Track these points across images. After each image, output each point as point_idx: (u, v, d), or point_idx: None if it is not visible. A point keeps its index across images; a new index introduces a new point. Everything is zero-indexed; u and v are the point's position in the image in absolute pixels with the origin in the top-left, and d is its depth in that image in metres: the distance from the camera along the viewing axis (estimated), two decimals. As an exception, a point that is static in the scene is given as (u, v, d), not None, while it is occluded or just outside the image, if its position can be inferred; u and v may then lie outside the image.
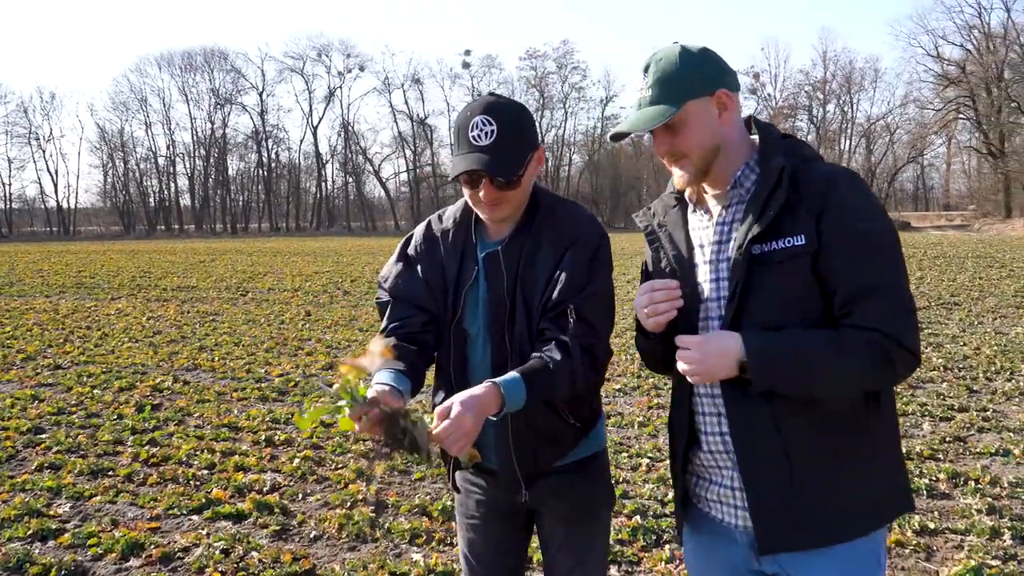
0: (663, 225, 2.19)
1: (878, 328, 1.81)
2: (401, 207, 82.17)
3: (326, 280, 21.27)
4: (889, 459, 2.00)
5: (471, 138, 2.24)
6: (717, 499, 2.08)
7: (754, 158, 2.02)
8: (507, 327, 2.33)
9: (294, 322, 13.88)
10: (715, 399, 2.03)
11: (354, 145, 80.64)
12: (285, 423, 7.37)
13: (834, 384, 1.85)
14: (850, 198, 1.88)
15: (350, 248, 39.03)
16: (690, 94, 1.94)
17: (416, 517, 5.08)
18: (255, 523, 5.05)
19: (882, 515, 2.00)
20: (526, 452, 2.37)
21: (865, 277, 1.83)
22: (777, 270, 1.89)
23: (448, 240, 2.47)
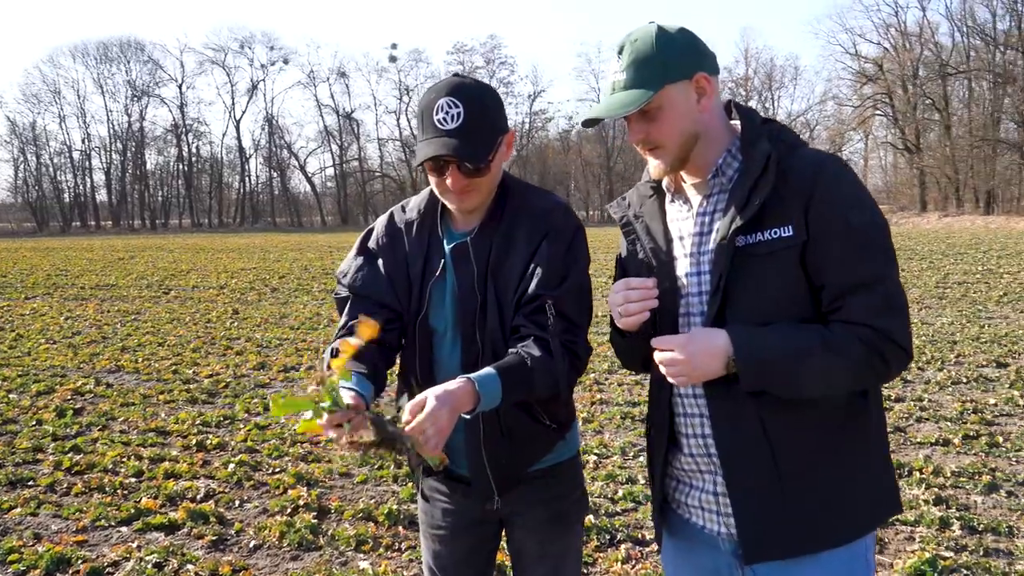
0: (639, 216, 2.06)
1: (869, 324, 1.72)
2: (328, 202, 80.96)
3: (253, 277, 20.73)
4: (877, 460, 1.91)
5: (436, 122, 2.08)
6: (698, 505, 1.98)
7: (736, 144, 1.91)
8: (478, 323, 2.18)
9: (221, 320, 13.46)
10: (697, 399, 1.92)
11: (278, 139, 79.07)
12: (217, 426, 7.08)
13: (826, 382, 1.75)
14: (839, 187, 1.77)
15: (276, 244, 38.21)
16: (667, 78, 1.82)
17: (361, 522, 4.88)
18: (189, 534, 4.79)
19: (872, 519, 1.92)
20: (499, 456, 2.22)
21: (856, 271, 1.73)
22: (763, 263, 1.78)
23: (412, 232, 2.32)
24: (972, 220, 44.42)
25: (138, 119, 77.64)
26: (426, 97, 2.14)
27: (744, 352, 1.73)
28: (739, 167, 1.87)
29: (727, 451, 1.85)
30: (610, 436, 6.58)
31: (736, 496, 1.85)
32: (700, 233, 1.91)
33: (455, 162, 2.08)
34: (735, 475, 1.85)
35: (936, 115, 54.30)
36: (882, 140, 65.22)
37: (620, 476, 5.55)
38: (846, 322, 1.73)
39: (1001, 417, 6.84)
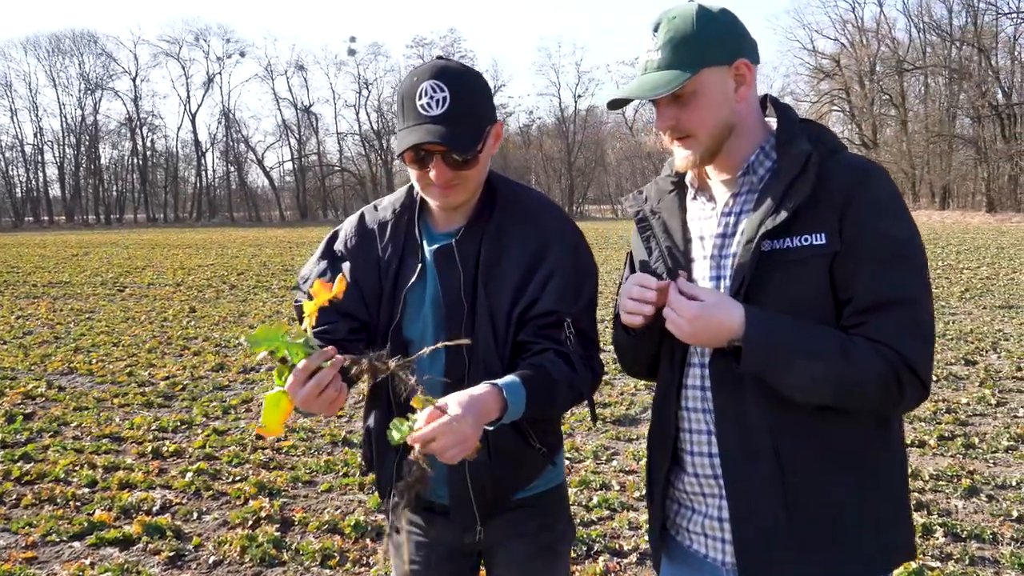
0: (656, 212, 1.90)
1: (892, 345, 1.58)
2: (286, 197, 79.93)
3: (210, 274, 20.28)
4: (896, 501, 1.77)
5: (419, 107, 1.88)
6: (700, 531, 1.83)
7: (770, 142, 1.76)
8: (465, 333, 1.98)
9: (178, 319, 13.09)
10: (706, 414, 1.77)
11: (235, 133, 77.90)
12: (174, 431, 6.81)
13: (832, 390, 1.60)
14: (879, 197, 1.63)
15: (234, 240, 37.56)
16: (706, 61, 1.66)
17: (327, 535, 4.68)
18: (145, 549, 4.54)
19: (884, 564, 1.76)
20: (484, 481, 2.04)
21: (887, 288, 1.60)
22: (790, 271, 1.64)
23: (386, 233, 2.11)
24: (928, 215, 45.10)
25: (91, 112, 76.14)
26: (408, 81, 1.93)
27: (753, 333, 1.59)
28: (771, 166, 1.74)
29: (734, 475, 1.71)
30: (581, 439, 6.44)
31: (739, 525, 1.71)
32: (723, 235, 1.77)
33: (441, 152, 1.89)
34: (740, 502, 1.71)
35: (893, 111, 55.04)
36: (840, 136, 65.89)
37: (594, 482, 5.41)
38: (868, 339, 1.59)
39: (975, 417, 6.81)
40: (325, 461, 5.90)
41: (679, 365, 1.82)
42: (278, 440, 6.46)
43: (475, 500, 2.04)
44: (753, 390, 1.66)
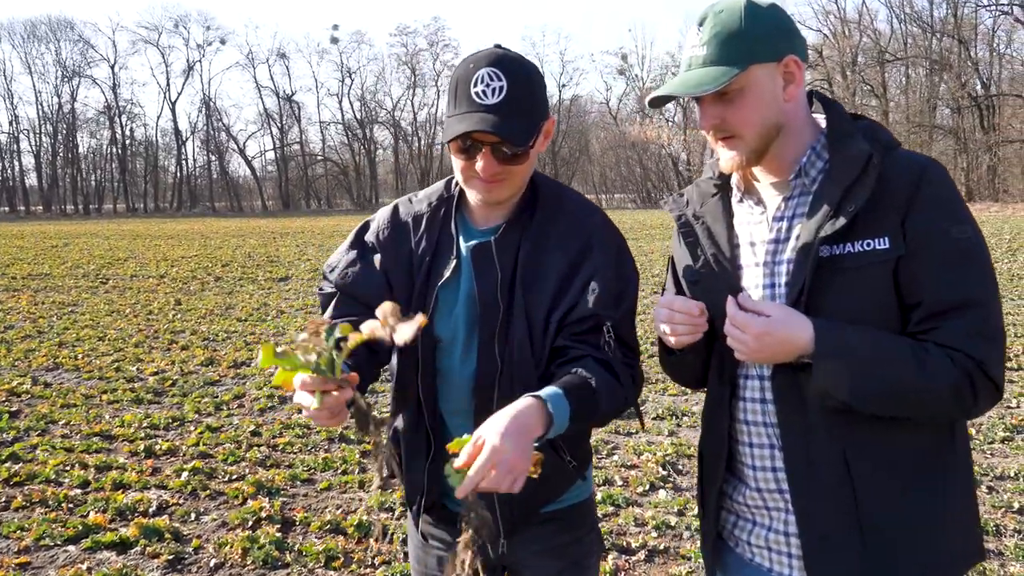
0: (699, 217, 1.84)
1: (965, 350, 1.52)
2: (268, 187, 79.44)
3: (194, 265, 20.06)
4: (966, 506, 1.71)
5: (473, 95, 1.79)
6: (764, 544, 1.77)
7: (820, 141, 1.69)
8: (499, 335, 1.90)
9: (164, 312, 12.92)
10: (768, 428, 1.70)
11: (216, 122, 77.29)
12: (166, 429, 6.69)
13: (907, 402, 1.55)
14: (940, 196, 1.57)
15: (216, 230, 37.21)
16: (755, 57, 1.59)
17: (329, 535, 4.60)
18: (143, 552, 4.44)
19: (957, 568, 1.71)
20: (512, 498, 1.96)
21: (956, 292, 1.54)
22: (851, 277, 1.57)
23: (421, 226, 2.03)
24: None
25: (69, 100, 75.37)
26: (462, 67, 1.84)
27: (827, 351, 1.53)
28: (824, 167, 1.67)
29: (802, 491, 1.65)
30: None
31: (810, 543, 1.65)
32: (776, 240, 1.70)
33: (493, 143, 1.80)
34: (810, 519, 1.65)
35: (874, 101, 55.20)
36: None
37: (596, 477, 5.35)
38: (940, 345, 1.54)
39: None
40: (323, 458, 5.81)
41: (729, 377, 1.75)
42: (273, 437, 6.36)
43: (500, 513, 1.96)
44: (818, 403, 1.59)
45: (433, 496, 2.05)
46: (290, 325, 11.45)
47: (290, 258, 21.38)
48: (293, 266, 19.35)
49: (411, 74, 74.48)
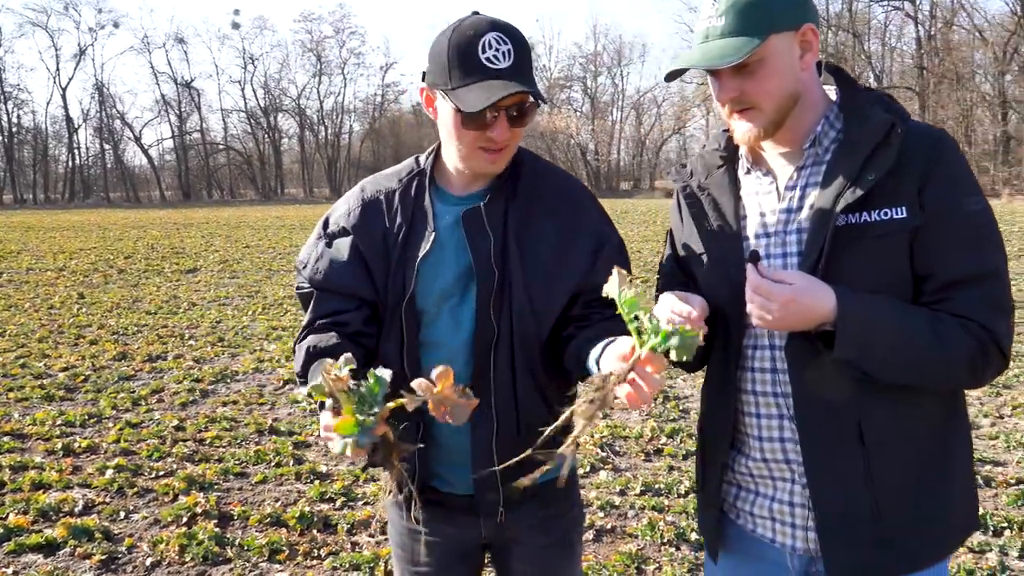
0: (704, 188, 1.81)
1: (978, 320, 1.54)
2: (167, 177, 76.75)
3: (95, 257, 19.24)
4: (968, 476, 1.76)
5: (485, 60, 1.74)
6: (768, 515, 1.77)
7: (833, 111, 1.69)
8: (494, 301, 1.88)
9: (67, 306, 12.36)
10: (777, 398, 1.70)
11: (110, 109, 74.09)
12: (82, 426, 6.40)
13: (925, 370, 1.57)
14: (956, 168, 1.58)
15: (114, 221, 35.73)
16: (774, 26, 1.56)
17: (271, 528, 4.47)
18: (73, 554, 4.23)
19: (957, 539, 1.76)
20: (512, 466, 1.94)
21: (971, 263, 1.55)
22: (868, 246, 1.57)
23: (394, 202, 1.98)
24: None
25: (-51, 85, 71.02)
26: (461, 35, 1.78)
27: (850, 319, 1.52)
28: (836, 136, 1.66)
29: (816, 463, 1.65)
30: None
31: (823, 511, 1.65)
32: (788, 210, 1.68)
33: (507, 106, 1.77)
34: (823, 491, 1.65)
35: (773, 93, 56.93)
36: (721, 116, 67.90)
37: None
38: (954, 314, 1.55)
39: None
40: (255, 451, 5.64)
41: (736, 348, 1.74)
42: (199, 431, 6.16)
43: (501, 482, 1.94)
44: (834, 370, 1.59)
45: (424, 479, 2.00)
46: (204, 318, 11.10)
47: (197, 249, 20.74)
48: (201, 257, 18.77)
49: (317, 61, 73.11)
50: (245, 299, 12.78)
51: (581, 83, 68.27)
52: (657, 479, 5.05)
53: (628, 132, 68.05)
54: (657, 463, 5.38)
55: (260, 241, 22.74)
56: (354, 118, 76.07)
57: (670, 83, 1.88)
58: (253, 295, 13.14)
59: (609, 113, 67.76)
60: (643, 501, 4.71)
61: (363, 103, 78.44)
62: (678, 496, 4.81)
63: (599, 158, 64.09)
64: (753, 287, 1.56)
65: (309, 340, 1.89)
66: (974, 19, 48.47)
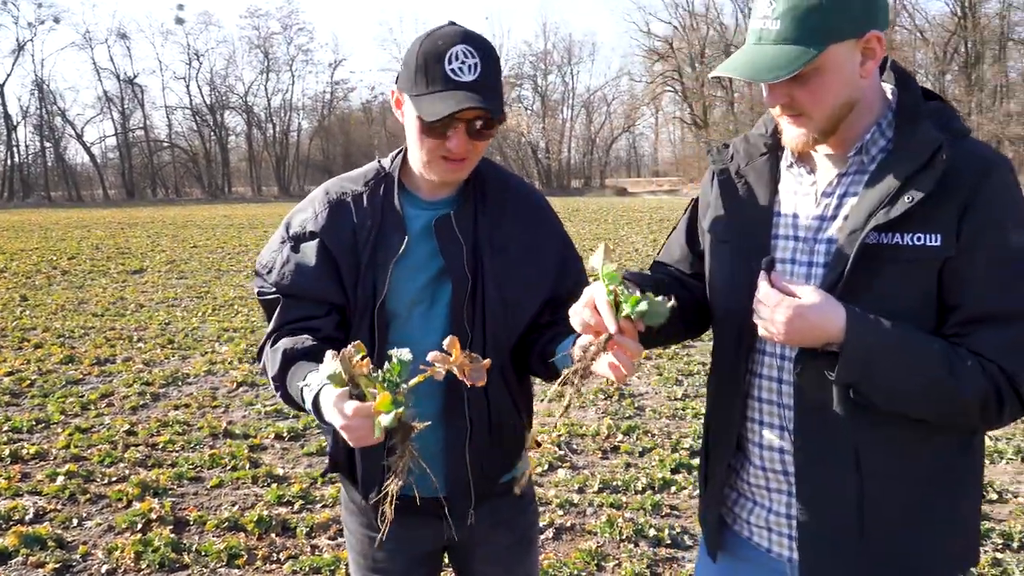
0: (742, 175, 1.73)
1: (999, 362, 1.46)
2: (110, 175, 74.95)
3: (37, 258, 18.76)
4: (971, 513, 1.68)
5: (450, 72, 1.77)
6: (764, 524, 1.75)
7: (887, 118, 1.59)
8: (467, 307, 1.91)
9: (9, 308, 12.04)
10: (780, 408, 1.66)
11: (50, 106, 72.13)
12: (30, 432, 6.26)
13: (933, 405, 1.50)
14: (1004, 197, 1.48)
15: (56, 221, 34.86)
16: (834, 35, 1.46)
17: (228, 533, 4.43)
18: (26, 563, 4.14)
19: (949, 572, 1.70)
20: (483, 460, 1.98)
21: (1001, 301, 1.46)
22: (895, 270, 1.49)
23: (362, 203, 1.98)
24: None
25: None
26: (429, 45, 1.80)
27: (856, 344, 1.46)
28: (886, 146, 1.58)
29: (807, 479, 1.62)
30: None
31: (806, 534, 1.64)
32: (822, 217, 1.61)
33: (468, 119, 1.79)
34: (812, 508, 1.62)
35: (721, 92, 57.63)
36: (672, 116, 68.70)
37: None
38: (972, 351, 1.47)
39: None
40: (209, 455, 5.58)
41: (746, 351, 1.69)
42: (151, 436, 6.07)
43: (474, 484, 1.97)
44: (840, 393, 1.55)
45: None
46: (152, 320, 10.91)
47: (143, 249, 20.35)
48: (147, 257, 18.43)
49: (264, 58, 72.10)
50: (194, 300, 12.59)
51: (531, 81, 68.37)
52: (615, 476, 5.11)
53: (578, 130, 68.49)
54: (614, 460, 5.44)
55: (208, 241, 22.41)
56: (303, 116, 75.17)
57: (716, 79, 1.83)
58: (203, 296, 12.95)
59: (560, 111, 68.02)
60: (601, 499, 4.77)
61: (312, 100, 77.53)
62: (636, 493, 4.87)
63: (550, 156, 64.31)
64: (761, 296, 1.51)
65: (284, 343, 1.89)
66: (915, 19, 49.81)
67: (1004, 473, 5.08)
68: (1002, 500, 4.66)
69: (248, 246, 20.57)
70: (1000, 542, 4.12)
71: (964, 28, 46.19)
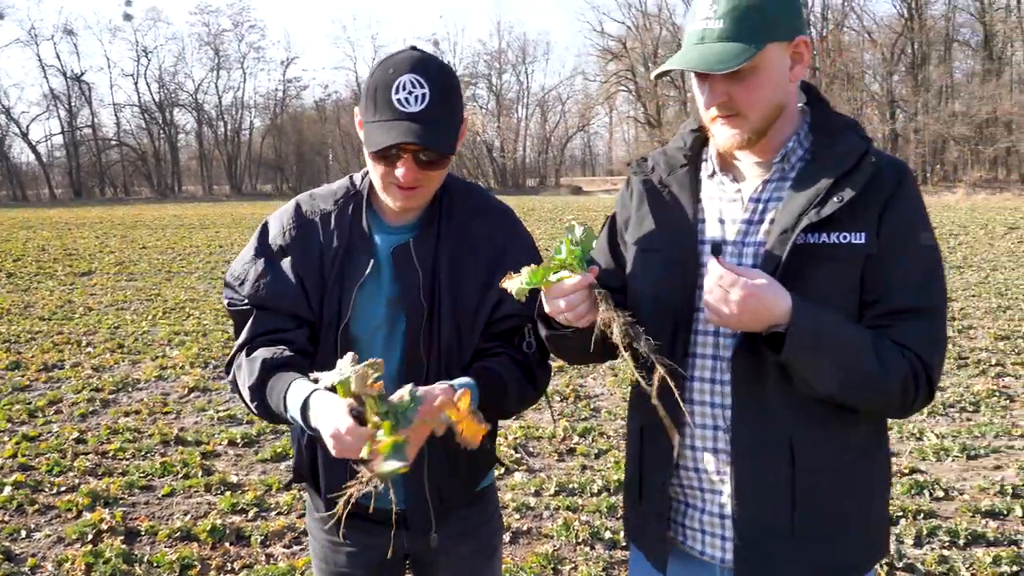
0: (666, 185, 1.79)
1: (915, 350, 1.57)
2: (57, 174, 73.28)
3: (-19, 260, 18.33)
4: (883, 503, 1.78)
5: (395, 101, 1.77)
6: (699, 527, 1.78)
7: (804, 129, 1.70)
8: (423, 338, 1.91)
9: (-48, 313, 11.74)
10: (715, 408, 1.70)
11: (-6, 103, 70.48)
12: (-25, 441, 6.11)
13: (861, 387, 1.57)
14: (914, 200, 1.62)
15: (1, 222, 34.09)
16: (772, 35, 1.56)
17: (181, 543, 4.38)
18: (-29, 577, 4.06)
19: (870, 563, 1.78)
20: (443, 482, 1.98)
21: (916, 295, 1.58)
22: (824, 267, 1.58)
23: (330, 224, 1.98)
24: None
25: None
26: (381, 72, 1.81)
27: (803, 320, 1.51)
28: (803, 155, 1.68)
29: (745, 472, 1.66)
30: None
31: (742, 524, 1.68)
32: (749, 221, 1.68)
33: (413, 151, 1.79)
34: (747, 500, 1.66)
35: (674, 91, 58.10)
36: (626, 115, 69.15)
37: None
38: (893, 341, 1.58)
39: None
40: (161, 463, 5.50)
41: (681, 354, 1.71)
42: (101, 443, 5.96)
43: (432, 502, 1.97)
44: (775, 387, 1.61)
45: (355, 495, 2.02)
46: (101, 324, 10.71)
47: (91, 250, 19.95)
48: (96, 259, 18.08)
49: (215, 55, 71.11)
50: (144, 303, 12.39)
51: (486, 80, 68.37)
52: (571, 479, 5.14)
53: (533, 129, 68.63)
54: (570, 462, 5.48)
55: (158, 241, 22.05)
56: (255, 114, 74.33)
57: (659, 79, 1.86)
58: (153, 298, 12.74)
59: (515, 110, 68.11)
60: (558, 501, 4.80)
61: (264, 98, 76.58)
62: (591, 495, 4.90)
63: (505, 155, 64.35)
64: (716, 277, 1.54)
65: (262, 353, 1.87)
66: (863, 21, 50.74)
67: (950, 471, 5.21)
68: (948, 498, 4.78)
69: (199, 247, 20.28)
70: (947, 539, 4.23)
71: (911, 30, 47.13)
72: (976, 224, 21.80)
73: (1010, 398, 6.66)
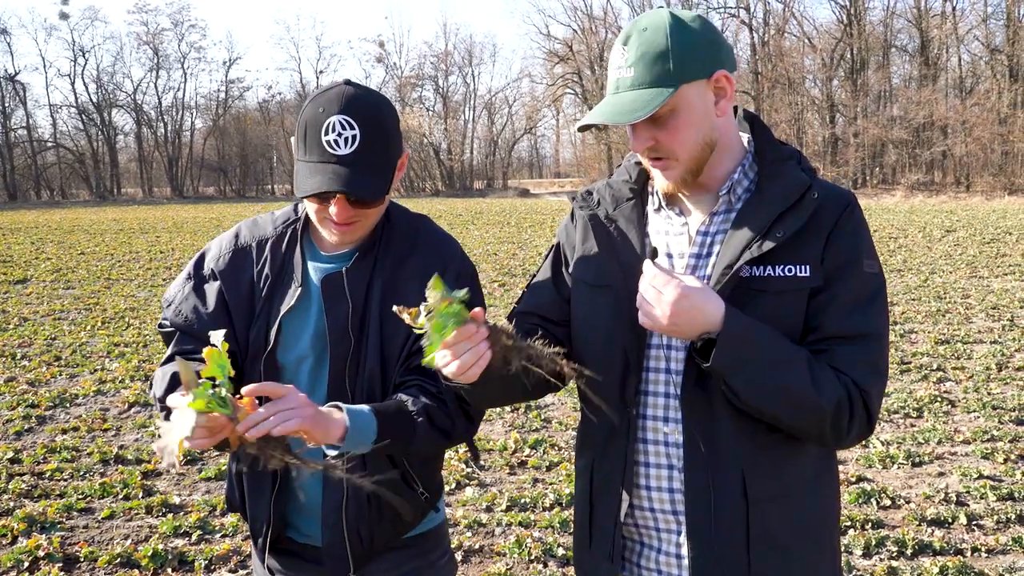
0: (612, 219, 1.77)
1: (852, 376, 1.57)
2: (-10, 177, 71.25)
3: (-91, 268, 17.66)
4: (835, 529, 1.78)
5: (325, 143, 1.75)
6: (655, 567, 1.75)
7: (748, 160, 1.70)
8: (349, 370, 1.87)
9: None
10: (668, 447, 1.68)
11: (-78, 103, 68.13)
12: (-99, 462, 5.85)
13: (793, 407, 1.54)
14: (859, 231, 1.63)
15: (-70, 226, 32.95)
16: (684, 76, 1.56)
17: (122, 570, 4.24)
18: None
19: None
20: (361, 526, 1.91)
21: (857, 322, 1.58)
22: (768, 300, 1.58)
23: (265, 251, 1.96)
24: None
25: None
26: (312, 111, 1.77)
27: (734, 327, 1.51)
28: (749, 186, 1.68)
29: (698, 512, 1.64)
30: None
31: (699, 564, 1.66)
32: (698, 255, 1.68)
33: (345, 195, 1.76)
34: (702, 541, 1.65)
35: (620, 95, 58.61)
36: (572, 117, 69.43)
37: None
38: (831, 366, 1.57)
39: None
40: (100, 483, 5.33)
41: (632, 391, 1.69)
42: (37, 463, 5.76)
43: (350, 545, 1.92)
44: (727, 423, 1.61)
45: (278, 529, 1.97)
46: (37, 335, 10.37)
47: (26, 257, 19.36)
48: (31, 266, 17.55)
49: (154, 55, 69.60)
50: (82, 312, 12.05)
51: (433, 82, 68.08)
52: (523, 493, 5.10)
53: (480, 132, 68.41)
54: (522, 476, 5.44)
55: (97, 247, 21.48)
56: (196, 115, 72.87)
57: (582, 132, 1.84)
58: (91, 307, 12.40)
59: (461, 112, 67.89)
60: (510, 517, 4.75)
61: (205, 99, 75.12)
62: (544, 510, 4.87)
63: (452, 157, 64.12)
64: (649, 279, 1.54)
65: (175, 365, 1.82)
66: (804, 27, 51.72)
67: (896, 479, 5.30)
68: (895, 506, 4.85)
69: (139, 252, 19.81)
70: (895, 550, 4.28)
71: (850, 35, 48.15)
72: (914, 227, 22.32)
73: (951, 403, 6.80)
